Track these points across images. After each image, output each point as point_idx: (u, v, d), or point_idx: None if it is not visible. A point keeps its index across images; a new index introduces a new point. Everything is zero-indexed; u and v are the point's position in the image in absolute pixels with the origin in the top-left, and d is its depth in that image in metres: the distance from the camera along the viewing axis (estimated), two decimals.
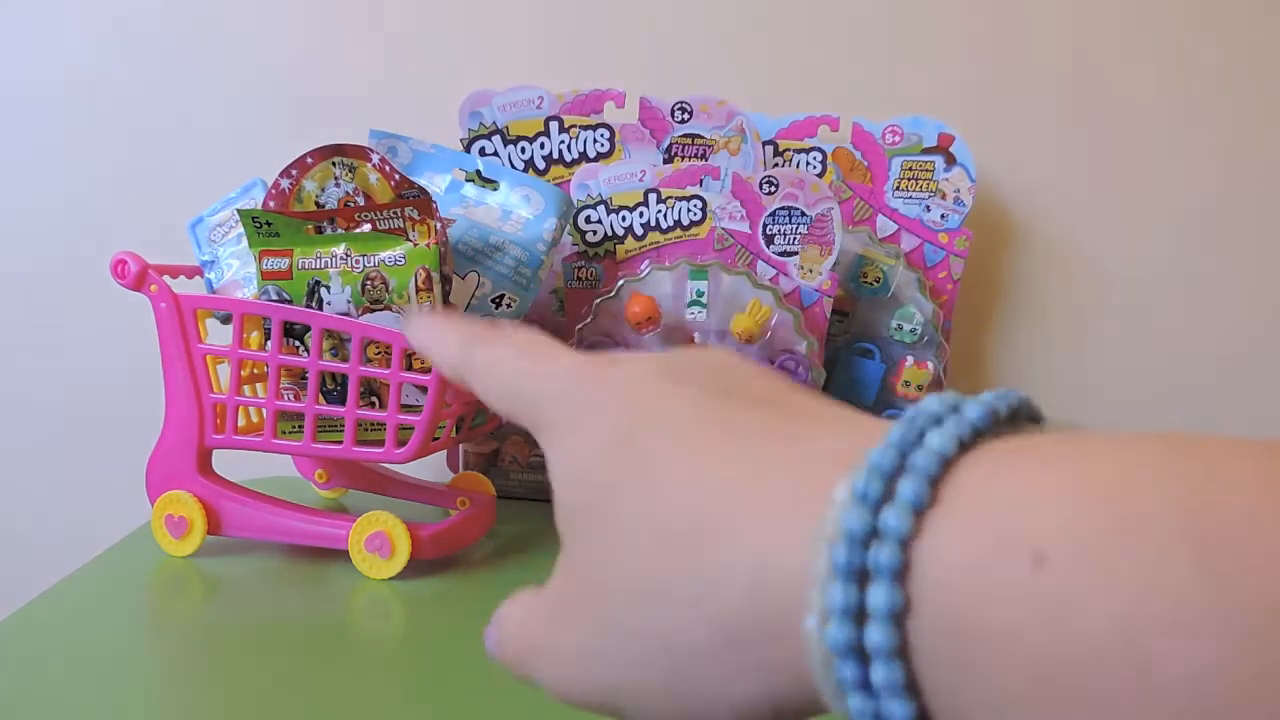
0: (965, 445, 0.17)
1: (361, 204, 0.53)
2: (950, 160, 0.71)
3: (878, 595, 0.16)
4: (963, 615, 0.15)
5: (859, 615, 0.16)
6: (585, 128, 0.69)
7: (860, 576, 0.16)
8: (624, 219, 0.66)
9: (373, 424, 0.52)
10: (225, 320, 0.54)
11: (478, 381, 0.25)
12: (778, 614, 0.18)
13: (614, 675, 0.21)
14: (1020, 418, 0.19)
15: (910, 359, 0.70)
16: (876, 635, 0.16)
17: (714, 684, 0.19)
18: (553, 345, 0.24)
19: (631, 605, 0.20)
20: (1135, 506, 0.14)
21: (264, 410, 0.53)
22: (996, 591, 0.15)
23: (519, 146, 0.69)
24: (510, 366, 0.24)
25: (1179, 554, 0.13)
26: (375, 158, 0.53)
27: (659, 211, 0.65)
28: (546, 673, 0.23)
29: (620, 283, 0.65)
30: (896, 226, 0.72)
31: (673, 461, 0.20)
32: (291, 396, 0.53)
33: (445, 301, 0.53)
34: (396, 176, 0.53)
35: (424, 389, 0.51)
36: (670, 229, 0.65)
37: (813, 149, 0.70)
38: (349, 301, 0.52)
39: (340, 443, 0.52)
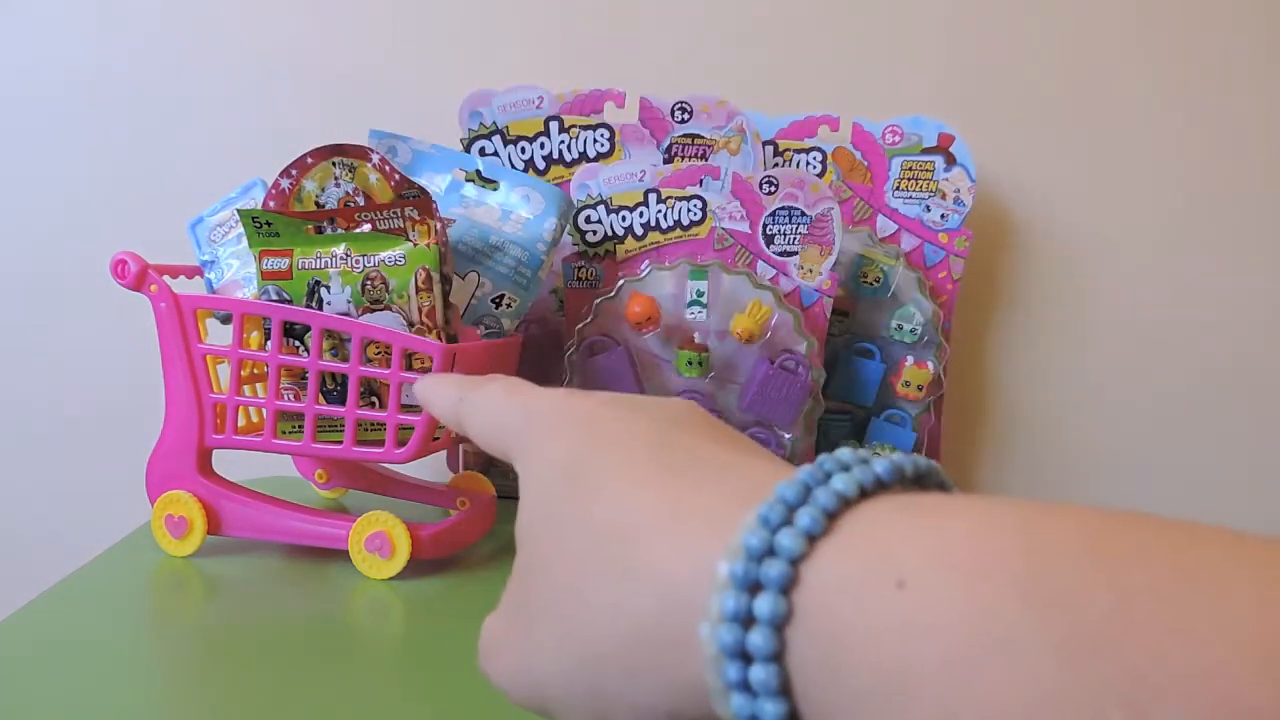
0: (865, 492, 0.20)
1: (361, 204, 0.53)
2: (950, 160, 0.71)
3: (764, 604, 0.18)
4: (834, 625, 0.18)
5: (747, 622, 0.19)
6: (585, 128, 0.69)
7: (752, 588, 0.19)
8: (624, 219, 0.66)
9: (373, 424, 0.52)
10: (225, 320, 0.54)
11: (471, 423, 0.28)
12: (680, 623, 0.20)
13: (544, 675, 0.24)
14: (928, 482, 0.22)
15: (910, 359, 0.70)
16: (758, 639, 0.18)
17: (620, 684, 0.22)
18: (533, 385, 0.28)
19: (560, 608, 0.23)
20: (982, 553, 0.17)
21: (264, 410, 0.53)
22: (863, 606, 0.18)
23: (519, 146, 0.69)
24: (497, 403, 0.27)
25: (1009, 592, 0.16)
26: (375, 158, 0.53)
27: (659, 211, 0.65)
28: (499, 676, 0.26)
29: (620, 283, 0.65)
30: (896, 226, 0.72)
31: (609, 483, 0.23)
32: (291, 396, 0.53)
33: (445, 302, 0.53)
34: (396, 176, 0.53)
35: None
36: (670, 229, 0.65)
37: (813, 149, 0.70)
38: (349, 301, 0.52)
39: (340, 443, 0.52)
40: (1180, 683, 0.14)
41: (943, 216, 0.71)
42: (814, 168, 0.70)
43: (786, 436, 0.66)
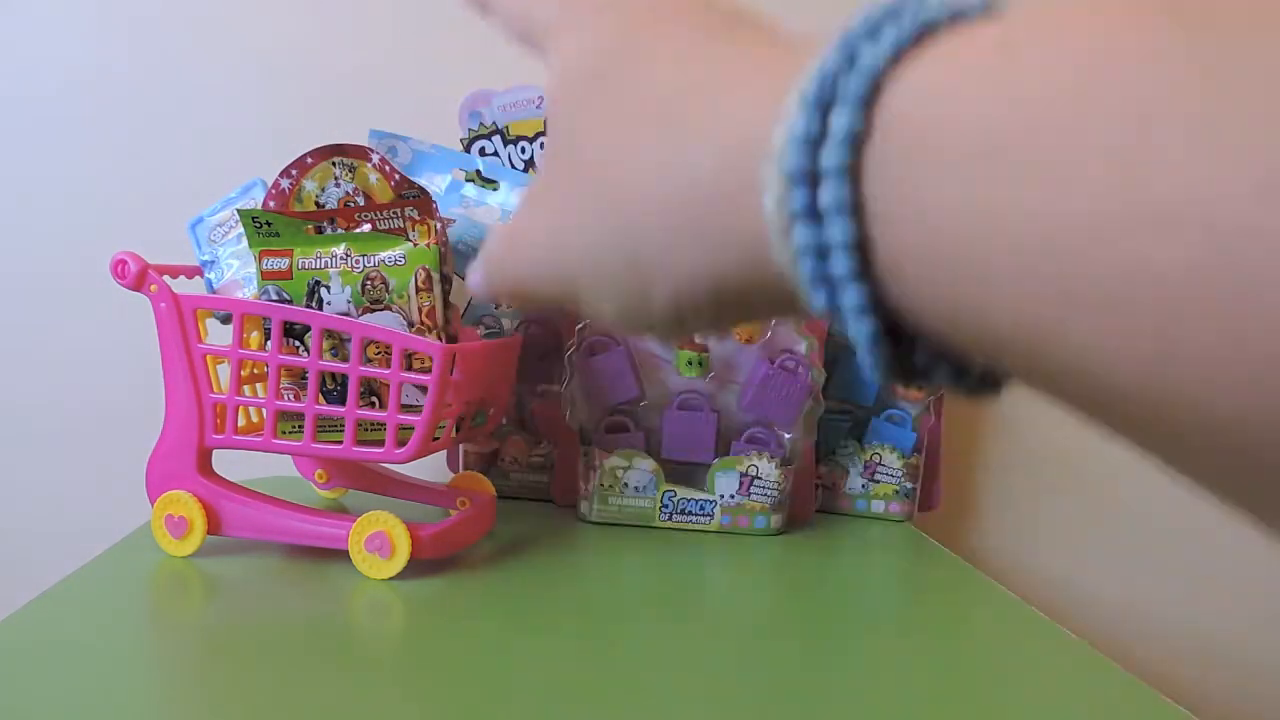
0: (934, 24, 0.17)
1: (361, 204, 0.53)
2: None
3: (839, 118, 0.16)
4: (921, 119, 0.15)
5: (818, 143, 0.16)
6: None
7: (826, 109, 0.17)
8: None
9: (373, 424, 0.52)
10: (225, 320, 0.54)
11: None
12: (741, 169, 0.18)
13: (577, 250, 0.22)
14: None
15: None
16: (829, 156, 0.16)
17: (664, 249, 0.20)
18: None
19: (606, 166, 0.21)
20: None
21: (264, 410, 0.53)
22: (956, 84, 0.15)
23: (519, 146, 0.69)
24: None
25: (1150, 8, 0.13)
26: (375, 158, 0.53)
27: None
28: (516, 262, 0.24)
29: None
30: None
31: (663, 48, 0.21)
32: (291, 396, 0.53)
33: (445, 302, 0.53)
34: (396, 176, 0.53)
35: (424, 389, 0.51)
36: None
37: None
38: (349, 301, 0.52)
39: (340, 443, 0.52)
40: None
41: None
42: None
43: (786, 436, 0.66)
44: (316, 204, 0.54)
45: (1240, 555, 0.84)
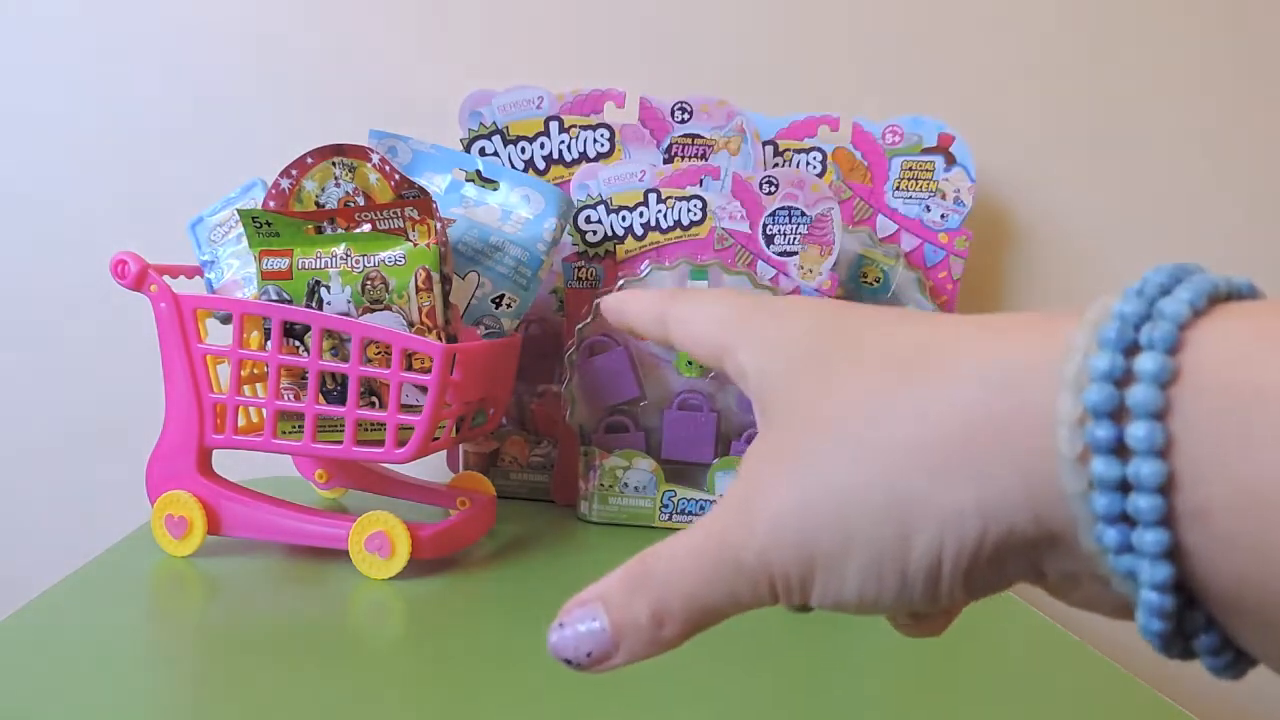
0: (1220, 293, 0.18)
1: (361, 204, 0.53)
2: (950, 160, 0.71)
3: (1147, 361, 0.16)
4: (1237, 372, 0.16)
5: (1121, 382, 0.17)
6: (585, 128, 0.69)
7: (1129, 350, 0.17)
8: (624, 219, 0.66)
9: (373, 424, 0.52)
10: (225, 320, 0.54)
11: (683, 318, 0.25)
12: (1017, 399, 0.18)
13: (830, 498, 0.20)
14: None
15: None
16: (1141, 394, 0.16)
17: (929, 483, 0.18)
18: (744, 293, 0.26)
19: (849, 421, 0.20)
20: None
21: (264, 410, 0.53)
22: (1270, 358, 0.15)
23: (519, 146, 0.69)
24: (713, 300, 0.25)
25: None
26: (375, 158, 0.53)
27: (659, 211, 0.65)
28: (766, 522, 0.21)
29: (620, 283, 0.65)
30: (896, 226, 0.72)
31: (888, 328, 0.21)
32: (291, 396, 0.53)
33: (445, 302, 0.53)
34: (396, 176, 0.53)
35: (424, 389, 0.51)
36: (670, 229, 0.65)
37: (813, 149, 0.70)
38: (349, 301, 0.52)
39: (340, 443, 0.52)
40: None
41: (943, 216, 0.71)
42: (814, 168, 0.70)
43: None
44: (316, 204, 0.54)
45: None
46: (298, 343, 0.52)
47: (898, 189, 0.71)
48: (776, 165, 0.70)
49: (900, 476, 0.19)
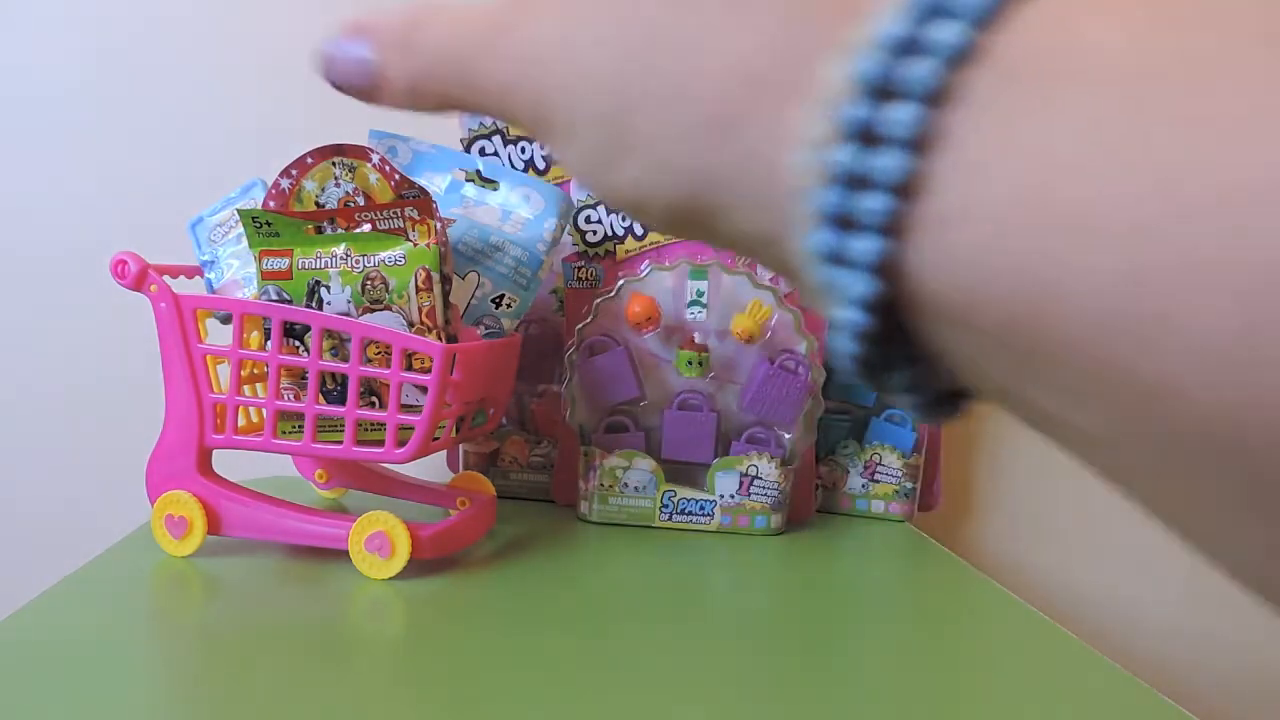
0: None
1: (361, 204, 0.53)
2: None
3: (943, 30, 0.13)
4: (1031, 64, 0.13)
5: (906, 53, 0.14)
6: None
7: (927, 18, 0.14)
8: (624, 219, 0.66)
9: (373, 424, 0.52)
10: (225, 320, 0.54)
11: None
12: (790, 71, 0.15)
13: (565, 25, 0.18)
14: None
15: None
16: (921, 70, 0.13)
17: (649, 121, 0.16)
18: None
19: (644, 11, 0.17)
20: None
21: (264, 410, 0.53)
22: (1092, 17, 0.13)
23: (519, 146, 0.69)
24: None
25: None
26: (375, 158, 0.53)
27: None
28: (435, 38, 0.20)
29: (620, 283, 0.65)
30: None
31: None
32: (291, 396, 0.53)
33: (445, 302, 0.53)
34: (396, 176, 0.53)
35: (424, 389, 0.51)
36: None
37: None
38: (349, 301, 0.52)
39: (340, 443, 0.52)
40: None
41: None
42: None
43: (786, 436, 0.66)
44: (316, 204, 0.54)
45: None
46: (298, 343, 0.52)
47: None
48: None
49: (637, 88, 0.16)
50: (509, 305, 0.60)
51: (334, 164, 0.53)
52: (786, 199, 0.15)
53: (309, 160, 0.53)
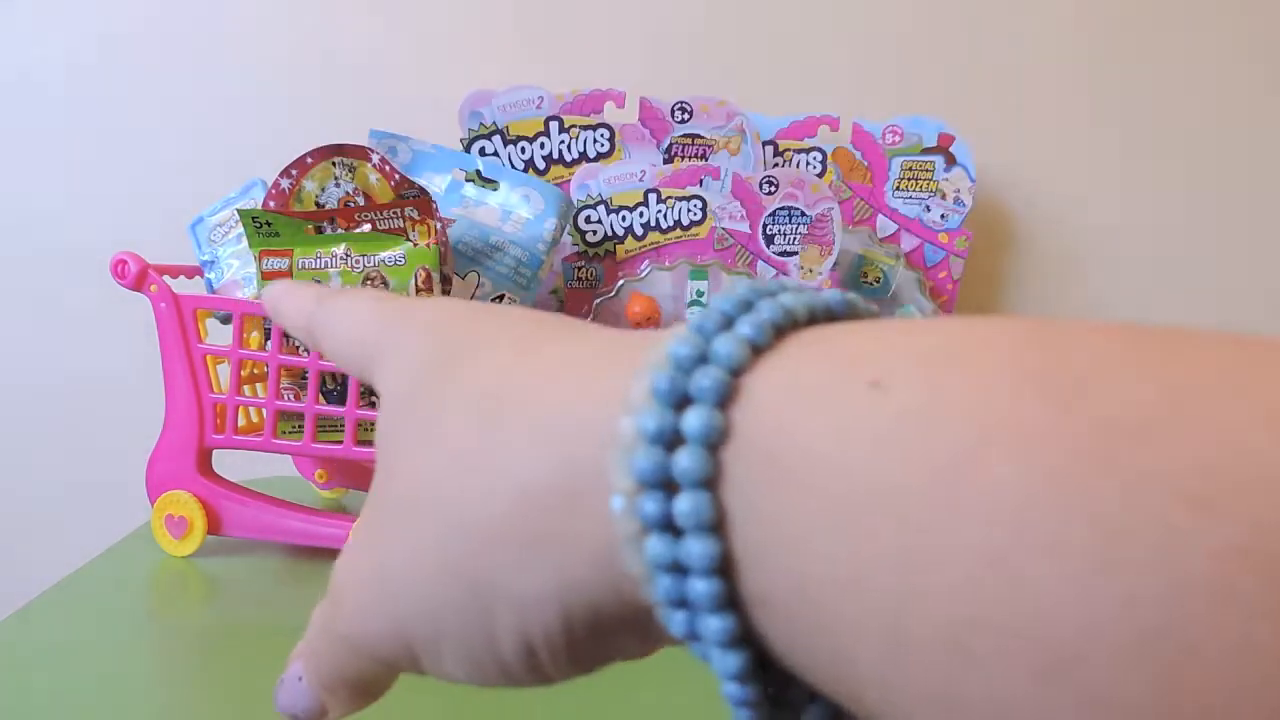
0: (812, 313, 0.16)
1: (361, 204, 0.53)
2: (950, 160, 0.71)
3: (693, 418, 0.14)
4: (785, 437, 0.14)
5: (670, 444, 0.15)
6: (585, 128, 0.69)
7: (679, 404, 0.15)
8: (624, 219, 0.66)
9: (373, 424, 0.52)
10: (225, 320, 0.54)
11: (326, 333, 0.23)
12: (580, 471, 0.16)
13: (404, 582, 0.19)
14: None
15: None
16: (686, 461, 0.14)
17: (503, 569, 0.17)
18: (405, 298, 0.23)
19: (424, 494, 0.18)
20: (983, 349, 0.13)
21: (264, 410, 0.53)
22: (826, 414, 0.14)
23: (519, 146, 0.69)
24: (359, 309, 0.22)
25: (1025, 386, 0.12)
26: (375, 158, 0.53)
27: (659, 211, 0.65)
28: (347, 628, 0.21)
29: (620, 283, 0.65)
30: (896, 226, 0.72)
31: (485, 353, 0.19)
32: (291, 396, 0.53)
33: None
34: (396, 176, 0.53)
35: None
36: (670, 229, 0.65)
37: (813, 149, 0.70)
38: None
39: (340, 443, 0.52)
40: (1265, 472, 0.10)
41: (943, 216, 0.71)
42: (814, 168, 0.70)
43: None
44: (316, 204, 0.54)
45: None
46: (298, 342, 0.52)
47: (898, 189, 0.71)
48: (776, 165, 0.70)
49: (476, 562, 0.17)
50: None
51: (334, 164, 0.53)
52: (618, 526, 0.15)
53: (309, 160, 0.53)
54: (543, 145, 0.69)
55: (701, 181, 0.66)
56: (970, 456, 0.12)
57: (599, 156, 0.69)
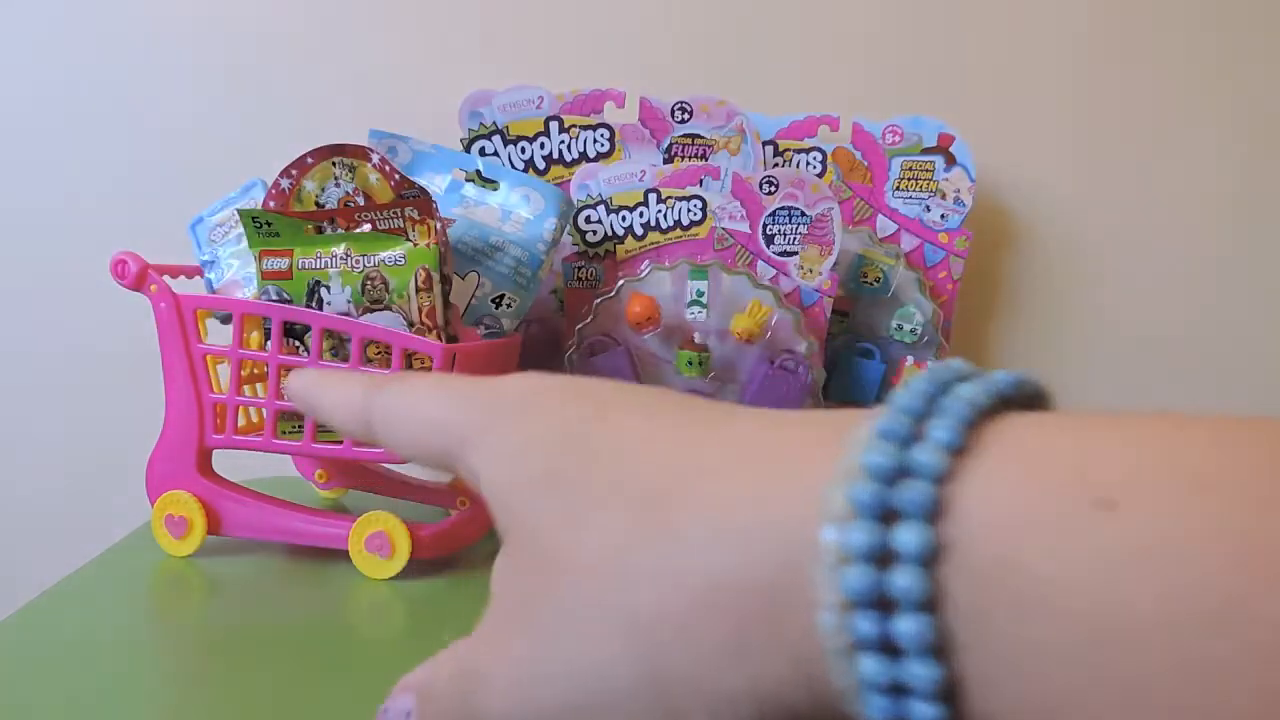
0: (995, 402, 0.15)
1: (361, 204, 0.53)
2: (950, 160, 0.71)
3: (908, 535, 0.14)
4: (1010, 564, 0.13)
5: (881, 560, 0.14)
6: (585, 128, 0.69)
7: (885, 517, 0.14)
8: (624, 219, 0.66)
9: None
10: (225, 320, 0.54)
11: (391, 421, 0.22)
12: (780, 581, 0.15)
13: (577, 668, 0.18)
14: (1042, 405, 0.17)
15: (910, 359, 0.70)
16: (905, 580, 0.14)
17: (694, 664, 0.16)
18: (468, 377, 0.22)
19: (588, 590, 0.17)
20: (1206, 464, 0.13)
21: (264, 410, 0.53)
22: (1053, 539, 0.13)
23: (519, 146, 0.69)
24: (429, 395, 0.21)
25: (1260, 510, 0.12)
26: (375, 158, 0.53)
27: (659, 211, 0.65)
28: (497, 706, 0.19)
29: (620, 283, 0.65)
30: (896, 226, 0.72)
31: (630, 439, 0.18)
32: None
33: (445, 302, 0.53)
34: (396, 176, 0.53)
35: None
36: (670, 229, 0.65)
37: (813, 149, 0.70)
38: (349, 301, 0.52)
39: (340, 443, 0.52)
40: None
41: (943, 216, 0.71)
42: (814, 168, 0.70)
43: None
44: (316, 204, 0.54)
45: None
46: (298, 343, 0.52)
47: (898, 189, 0.71)
48: (776, 165, 0.70)
49: (652, 651, 0.16)
50: (509, 305, 0.60)
51: (334, 164, 0.53)
52: (824, 638, 0.15)
53: (309, 160, 0.53)
54: (543, 145, 0.69)
55: (701, 181, 0.66)
56: (1239, 597, 0.12)
57: (599, 156, 0.69)
